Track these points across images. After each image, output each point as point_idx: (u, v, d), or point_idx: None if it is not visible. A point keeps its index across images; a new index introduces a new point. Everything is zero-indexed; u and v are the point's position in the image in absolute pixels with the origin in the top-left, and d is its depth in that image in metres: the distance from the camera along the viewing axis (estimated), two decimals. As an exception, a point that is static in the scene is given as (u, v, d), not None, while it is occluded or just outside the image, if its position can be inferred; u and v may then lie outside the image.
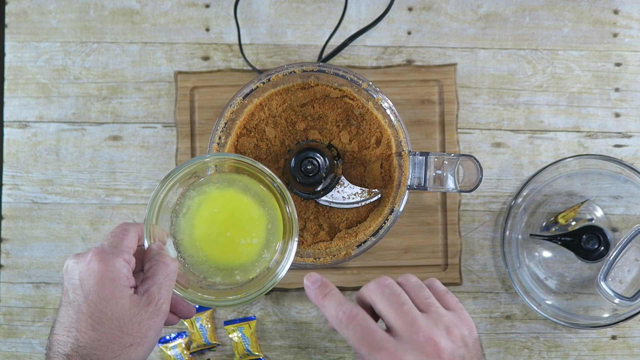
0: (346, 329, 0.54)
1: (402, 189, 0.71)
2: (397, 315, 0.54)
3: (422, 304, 0.55)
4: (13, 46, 0.81)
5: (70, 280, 0.55)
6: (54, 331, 0.55)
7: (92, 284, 0.54)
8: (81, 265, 0.55)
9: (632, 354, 0.79)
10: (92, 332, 0.53)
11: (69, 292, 0.55)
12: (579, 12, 0.81)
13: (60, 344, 0.53)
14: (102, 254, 0.55)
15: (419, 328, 0.53)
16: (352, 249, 0.71)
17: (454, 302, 0.57)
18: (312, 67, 0.71)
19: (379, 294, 0.55)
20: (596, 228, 0.75)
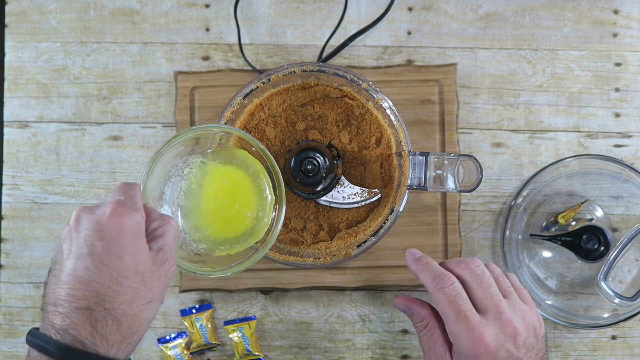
0: (441, 292, 0.61)
1: (402, 189, 0.71)
2: (484, 295, 0.61)
3: (504, 291, 0.63)
4: (13, 46, 0.81)
5: (86, 232, 0.52)
6: (66, 285, 0.51)
7: (115, 236, 0.51)
8: (99, 217, 0.52)
9: (632, 354, 0.79)
10: (116, 285, 0.51)
11: (84, 244, 0.51)
12: (579, 12, 0.81)
13: (78, 299, 0.50)
14: (124, 208, 0.53)
15: (502, 309, 0.60)
16: (352, 249, 0.71)
17: (528, 297, 0.64)
18: (312, 67, 0.71)
19: (470, 272, 0.62)
20: (596, 228, 0.75)
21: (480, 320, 0.59)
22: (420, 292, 0.79)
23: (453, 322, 0.60)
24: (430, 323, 0.64)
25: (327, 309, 0.79)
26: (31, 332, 0.51)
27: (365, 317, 0.79)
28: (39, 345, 0.49)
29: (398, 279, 0.78)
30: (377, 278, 0.78)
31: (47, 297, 0.52)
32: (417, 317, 0.65)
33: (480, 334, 0.58)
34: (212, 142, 0.67)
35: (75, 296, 0.50)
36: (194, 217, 0.63)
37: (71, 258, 0.51)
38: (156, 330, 0.79)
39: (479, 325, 0.59)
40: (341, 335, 0.79)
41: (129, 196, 0.55)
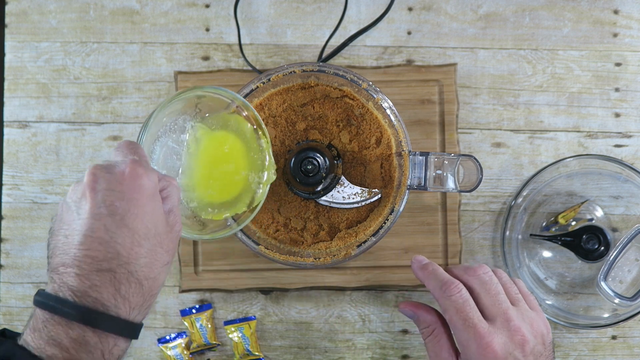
0: (448, 300, 0.60)
1: (402, 189, 0.71)
2: (492, 302, 0.60)
3: (512, 298, 0.62)
4: (13, 46, 0.81)
5: (105, 192, 0.49)
6: (83, 246, 0.48)
7: (136, 197, 0.50)
8: (119, 177, 0.50)
9: (632, 354, 0.79)
10: (137, 247, 0.49)
11: (103, 204, 0.49)
12: (579, 12, 0.81)
13: (99, 260, 0.48)
14: (142, 167, 0.51)
15: (510, 317, 0.59)
16: (352, 249, 0.71)
17: (535, 304, 0.64)
18: (312, 67, 0.71)
19: (477, 279, 0.61)
20: (596, 228, 0.75)
21: (488, 328, 0.59)
22: (420, 292, 0.79)
23: (461, 330, 0.59)
24: (437, 329, 0.63)
25: (327, 309, 0.79)
26: (41, 293, 0.49)
27: (365, 317, 0.79)
28: (52, 306, 0.47)
29: (398, 279, 0.78)
30: (377, 278, 0.78)
31: (55, 257, 0.50)
32: (423, 323, 0.64)
33: (488, 342, 0.58)
34: (208, 108, 0.66)
35: (96, 258, 0.48)
36: (187, 177, 0.63)
37: (87, 218, 0.49)
38: (156, 330, 0.79)
39: (487, 334, 0.58)
40: (341, 335, 0.79)
41: (141, 156, 0.53)
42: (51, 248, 0.50)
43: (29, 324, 0.48)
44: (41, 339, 0.47)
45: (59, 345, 0.47)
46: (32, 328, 0.48)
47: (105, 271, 0.48)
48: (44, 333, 0.47)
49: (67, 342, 0.47)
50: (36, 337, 0.47)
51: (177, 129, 0.64)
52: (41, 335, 0.47)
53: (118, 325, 0.48)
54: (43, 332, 0.47)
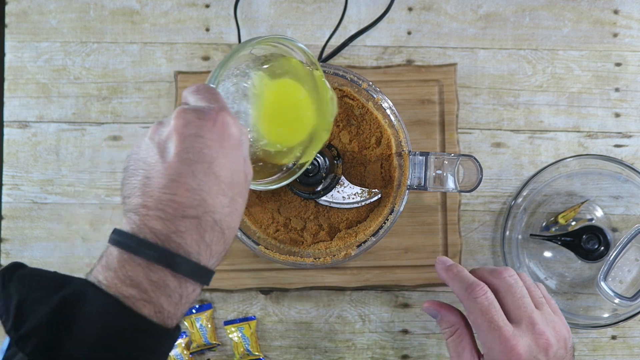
0: (474, 302, 0.60)
1: (402, 189, 0.71)
2: (517, 305, 0.60)
3: (536, 302, 0.62)
4: (13, 46, 0.81)
5: (195, 137, 0.48)
6: (169, 190, 0.47)
7: (225, 146, 0.49)
8: (209, 124, 0.49)
9: (632, 354, 0.79)
10: (222, 196, 0.48)
11: (192, 150, 0.48)
12: (579, 12, 0.81)
13: (185, 206, 0.47)
14: (230, 116, 0.50)
15: (535, 321, 0.59)
16: (352, 249, 0.71)
17: (557, 308, 0.64)
18: (312, 67, 0.71)
19: (503, 282, 0.61)
20: (596, 228, 0.75)
21: (513, 331, 0.59)
22: (420, 291, 0.79)
23: (485, 333, 0.59)
24: (460, 330, 0.63)
25: (327, 309, 0.79)
26: (119, 232, 0.47)
27: (365, 317, 0.79)
28: (133, 247, 0.46)
29: (398, 279, 0.78)
30: (377, 278, 0.78)
31: (134, 197, 0.48)
32: (446, 323, 0.64)
33: (513, 345, 0.58)
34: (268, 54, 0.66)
35: (182, 203, 0.47)
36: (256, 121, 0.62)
37: (174, 162, 0.47)
38: (156, 330, 0.79)
39: (512, 337, 0.58)
40: (341, 335, 0.79)
41: (222, 104, 0.51)
42: (128, 187, 0.48)
43: (100, 261, 0.47)
44: (117, 279, 0.45)
45: (137, 286, 0.45)
46: (106, 267, 0.46)
47: (190, 218, 0.47)
48: (120, 273, 0.45)
49: (146, 283, 0.46)
50: (110, 276, 0.45)
51: (239, 74, 0.62)
52: (117, 275, 0.45)
53: (199, 272, 0.48)
54: (120, 272, 0.45)
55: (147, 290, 0.46)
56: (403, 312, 0.79)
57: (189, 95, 0.52)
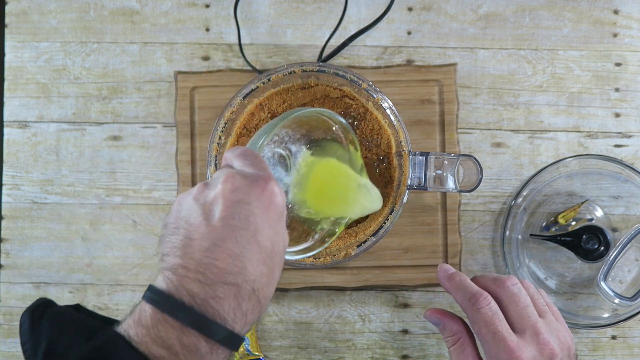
0: (477, 312, 0.59)
1: (402, 189, 0.71)
2: (521, 315, 0.60)
3: (539, 310, 0.62)
4: (13, 46, 0.81)
5: (243, 204, 0.48)
6: (211, 254, 0.46)
7: (269, 215, 0.48)
8: (257, 191, 0.48)
9: (632, 354, 0.79)
10: (262, 265, 0.48)
11: (239, 216, 0.47)
12: (579, 12, 0.81)
13: (226, 273, 0.46)
14: (278, 186, 0.50)
15: (540, 330, 0.59)
16: (352, 249, 0.71)
17: (559, 314, 0.64)
18: (312, 67, 0.71)
19: (506, 291, 0.61)
20: (596, 228, 0.75)
21: (517, 341, 0.58)
22: (420, 291, 0.79)
23: (490, 344, 0.59)
24: (462, 338, 0.62)
25: (327, 309, 0.79)
26: (155, 291, 0.46)
27: (365, 317, 0.79)
28: (169, 308, 0.45)
29: (398, 279, 0.78)
30: (377, 278, 0.78)
31: (173, 257, 0.47)
32: (448, 332, 0.63)
33: (518, 356, 0.58)
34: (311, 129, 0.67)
35: (223, 269, 0.46)
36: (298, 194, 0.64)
37: (219, 226, 0.47)
38: (156, 330, 0.79)
39: (516, 347, 0.58)
40: (341, 335, 0.79)
41: (269, 172, 0.51)
42: (168, 245, 0.48)
43: (132, 315, 0.46)
44: (148, 337, 0.45)
45: (169, 348, 0.45)
46: (138, 322, 0.46)
47: (230, 284, 0.46)
48: (152, 332, 0.45)
49: (178, 346, 0.45)
50: (142, 333, 0.45)
51: (277, 141, 0.63)
52: (149, 333, 0.45)
53: (232, 339, 0.47)
54: (152, 330, 0.45)
55: (178, 354, 0.45)
56: (403, 312, 0.79)
57: (234, 159, 0.52)
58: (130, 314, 0.47)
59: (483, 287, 0.62)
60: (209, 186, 0.49)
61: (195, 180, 0.78)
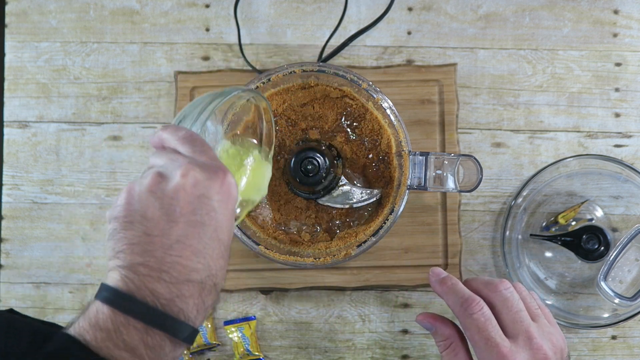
0: (470, 318, 0.59)
1: (402, 189, 0.71)
2: (514, 320, 0.59)
3: (532, 314, 0.61)
4: (13, 46, 0.81)
5: (204, 199, 0.46)
6: (175, 252, 0.45)
7: (228, 208, 0.48)
8: (216, 184, 0.47)
9: (632, 354, 0.79)
10: (221, 259, 0.48)
11: (200, 212, 0.46)
12: (579, 12, 0.81)
13: (190, 270, 0.46)
14: (231, 176, 0.49)
15: (532, 335, 0.58)
16: (352, 249, 0.71)
17: (551, 317, 0.63)
18: (312, 67, 0.71)
19: (499, 296, 0.60)
20: (596, 228, 0.75)
21: (510, 347, 0.58)
22: (420, 291, 0.79)
23: (483, 349, 0.58)
24: (454, 343, 0.62)
25: (327, 309, 0.79)
26: (112, 290, 0.44)
27: (365, 317, 0.79)
28: (133, 310, 0.44)
29: (398, 279, 0.78)
30: (377, 278, 0.78)
31: (131, 254, 0.45)
32: (440, 336, 0.63)
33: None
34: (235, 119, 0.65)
35: (188, 267, 0.45)
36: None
37: (181, 223, 0.46)
38: (156, 330, 0.79)
39: (509, 353, 0.57)
40: (341, 335, 0.79)
41: (220, 161, 0.49)
42: (122, 242, 0.46)
43: (85, 318, 0.44)
44: (109, 341, 0.44)
45: (132, 350, 0.44)
46: (95, 326, 0.44)
47: (195, 282, 0.46)
48: (114, 335, 0.44)
49: (142, 348, 0.44)
50: (102, 337, 0.44)
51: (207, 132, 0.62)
52: (110, 337, 0.44)
53: (194, 335, 0.47)
54: (114, 334, 0.44)
55: (142, 355, 0.44)
56: (403, 312, 0.79)
57: (179, 144, 0.49)
58: (82, 315, 0.45)
59: (475, 291, 0.61)
60: (165, 178, 0.47)
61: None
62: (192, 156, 0.49)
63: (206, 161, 0.48)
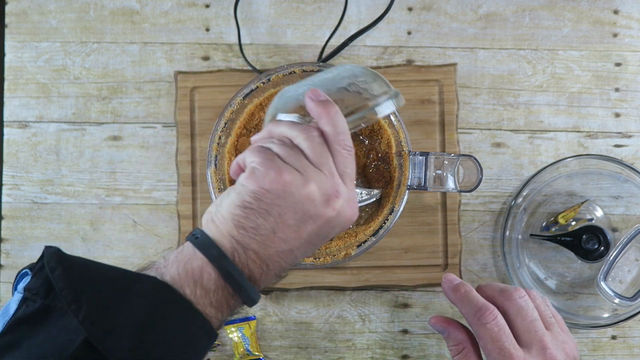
0: (483, 327, 0.59)
1: (402, 189, 0.71)
2: (528, 329, 0.59)
3: (546, 322, 0.61)
4: (13, 46, 0.81)
5: (330, 227, 0.54)
6: (284, 258, 0.53)
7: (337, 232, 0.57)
8: (347, 221, 0.55)
9: (632, 354, 0.79)
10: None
11: (324, 238, 0.54)
12: (579, 12, 0.81)
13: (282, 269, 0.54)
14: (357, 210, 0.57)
15: (546, 345, 0.58)
16: (352, 249, 0.71)
17: (563, 323, 0.63)
18: (312, 67, 0.71)
19: (514, 304, 0.60)
20: (596, 228, 0.75)
21: (524, 357, 0.58)
22: (420, 292, 0.79)
23: (496, 359, 0.58)
24: (466, 348, 0.62)
25: (327, 309, 0.79)
26: (226, 260, 0.50)
27: (365, 317, 0.79)
28: (236, 284, 0.50)
29: (398, 279, 0.78)
30: (377, 278, 0.78)
31: (250, 238, 0.51)
32: (453, 340, 0.63)
33: None
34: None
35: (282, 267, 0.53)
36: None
37: (303, 238, 0.52)
38: (156, 330, 0.79)
39: None
40: (341, 335, 0.79)
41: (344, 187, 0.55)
42: (251, 224, 0.51)
43: (188, 272, 0.50)
44: (206, 298, 0.50)
45: (219, 307, 0.51)
46: (199, 283, 0.50)
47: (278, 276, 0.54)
48: (212, 295, 0.50)
49: (225, 307, 0.51)
50: (201, 294, 0.50)
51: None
52: (207, 295, 0.50)
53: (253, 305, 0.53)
54: (212, 295, 0.50)
55: (224, 312, 0.51)
56: (403, 312, 0.79)
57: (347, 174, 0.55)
58: (176, 262, 0.50)
59: (489, 298, 0.61)
60: (329, 199, 0.52)
61: (195, 180, 0.78)
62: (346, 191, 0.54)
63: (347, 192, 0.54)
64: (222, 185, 0.71)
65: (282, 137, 0.54)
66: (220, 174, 0.72)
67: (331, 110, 0.54)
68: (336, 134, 0.53)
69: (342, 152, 0.53)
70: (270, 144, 0.53)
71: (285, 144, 0.53)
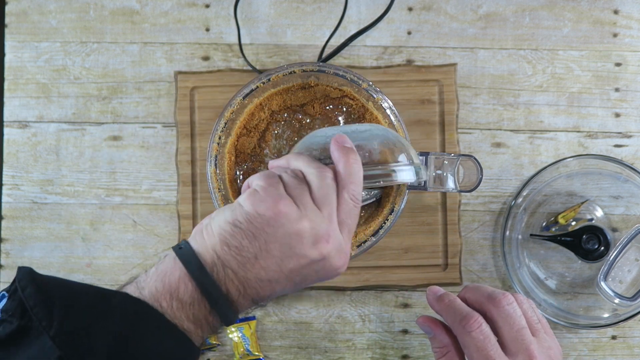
0: (468, 336, 0.58)
1: (402, 188, 0.71)
2: (514, 337, 0.58)
3: (533, 329, 0.60)
4: (13, 46, 0.81)
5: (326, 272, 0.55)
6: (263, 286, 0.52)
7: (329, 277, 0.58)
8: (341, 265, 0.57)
9: (632, 354, 0.79)
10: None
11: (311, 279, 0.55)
12: (579, 12, 0.81)
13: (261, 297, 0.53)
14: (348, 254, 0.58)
15: (533, 354, 0.58)
16: (352, 249, 0.71)
17: (548, 327, 0.62)
18: (312, 67, 0.71)
19: (501, 312, 0.59)
20: (596, 228, 0.75)
21: None
22: (420, 292, 0.79)
23: None
24: (450, 352, 0.61)
25: (327, 309, 0.79)
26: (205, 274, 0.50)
27: (365, 317, 0.79)
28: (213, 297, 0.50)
29: (398, 279, 0.78)
30: (377, 278, 0.78)
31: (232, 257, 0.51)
32: (438, 343, 0.62)
33: None
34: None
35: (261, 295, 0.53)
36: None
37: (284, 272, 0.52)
38: (156, 330, 0.79)
39: None
40: (341, 335, 0.79)
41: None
42: (235, 244, 0.51)
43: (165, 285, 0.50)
44: (183, 311, 0.50)
45: (200, 327, 0.51)
46: (175, 295, 0.50)
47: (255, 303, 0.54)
48: (188, 308, 0.50)
49: (205, 325, 0.51)
50: (178, 307, 0.50)
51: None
52: (184, 308, 0.50)
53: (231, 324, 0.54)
54: (188, 307, 0.50)
55: (203, 328, 0.51)
56: (403, 312, 0.79)
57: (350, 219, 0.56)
58: (160, 276, 0.50)
59: (477, 303, 0.61)
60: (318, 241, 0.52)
61: (195, 180, 0.78)
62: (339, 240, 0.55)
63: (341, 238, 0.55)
64: (222, 185, 0.71)
65: (296, 170, 0.54)
66: (220, 174, 0.72)
67: (351, 157, 0.55)
68: (349, 182, 0.54)
69: (349, 201, 0.54)
70: (283, 173, 0.54)
71: (297, 176, 0.53)
